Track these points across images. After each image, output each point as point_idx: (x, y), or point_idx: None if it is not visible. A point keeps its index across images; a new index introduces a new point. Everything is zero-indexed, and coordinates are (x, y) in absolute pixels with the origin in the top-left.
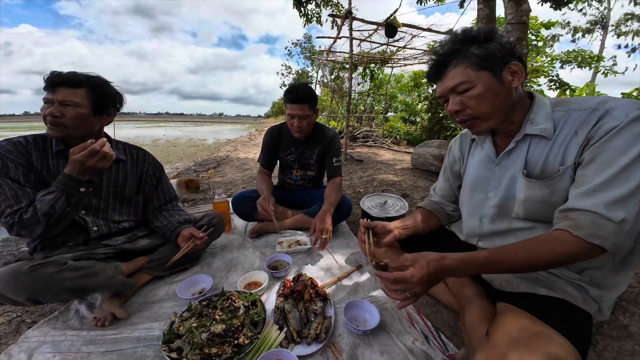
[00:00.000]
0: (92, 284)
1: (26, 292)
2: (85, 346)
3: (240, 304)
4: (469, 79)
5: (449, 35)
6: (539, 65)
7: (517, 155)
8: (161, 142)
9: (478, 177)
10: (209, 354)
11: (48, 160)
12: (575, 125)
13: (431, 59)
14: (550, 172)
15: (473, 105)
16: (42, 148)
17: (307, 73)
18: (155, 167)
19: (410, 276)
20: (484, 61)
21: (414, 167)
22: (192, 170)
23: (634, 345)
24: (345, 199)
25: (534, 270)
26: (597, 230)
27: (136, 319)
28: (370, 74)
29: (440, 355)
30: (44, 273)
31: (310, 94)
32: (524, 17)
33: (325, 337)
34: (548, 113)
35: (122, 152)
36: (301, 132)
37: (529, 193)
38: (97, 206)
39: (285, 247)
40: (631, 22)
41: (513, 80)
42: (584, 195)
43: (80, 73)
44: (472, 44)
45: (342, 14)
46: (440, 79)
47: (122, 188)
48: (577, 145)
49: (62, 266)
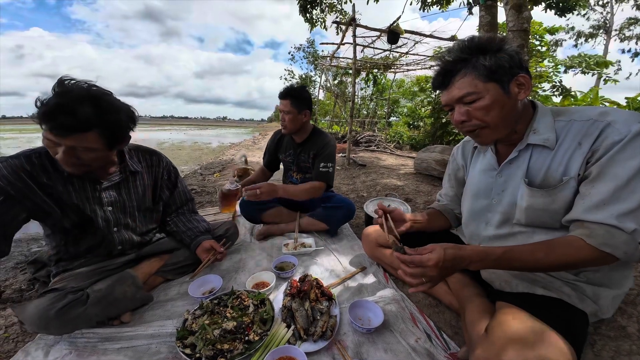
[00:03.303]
0: (116, 311)
1: (57, 332)
2: (100, 343)
3: (250, 302)
4: (477, 90)
5: (456, 42)
6: (543, 70)
7: (519, 164)
8: (166, 145)
9: (480, 185)
10: (221, 349)
11: (62, 180)
12: (578, 136)
13: (437, 66)
14: (552, 182)
15: (480, 116)
16: (52, 167)
17: (310, 78)
18: (169, 171)
19: (427, 260)
20: (492, 73)
21: (416, 172)
22: (198, 174)
23: (631, 345)
24: (348, 201)
25: (545, 270)
26: (610, 239)
27: (150, 317)
28: (373, 79)
29: (442, 353)
30: (71, 316)
31: (295, 92)
32: (525, 25)
33: (331, 334)
34: (550, 123)
35: (136, 163)
36: (284, 127)
37: (531, 201)
38: (125, 222)
39: (291, 248)
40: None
41: (520, 92)
42: (595, 209)
43: (83, 108)
44: (481, 53)
45: (346, 20)
46: (446, 87)
47: (143, 199)
48: (582, 156)
49: (85, 303)
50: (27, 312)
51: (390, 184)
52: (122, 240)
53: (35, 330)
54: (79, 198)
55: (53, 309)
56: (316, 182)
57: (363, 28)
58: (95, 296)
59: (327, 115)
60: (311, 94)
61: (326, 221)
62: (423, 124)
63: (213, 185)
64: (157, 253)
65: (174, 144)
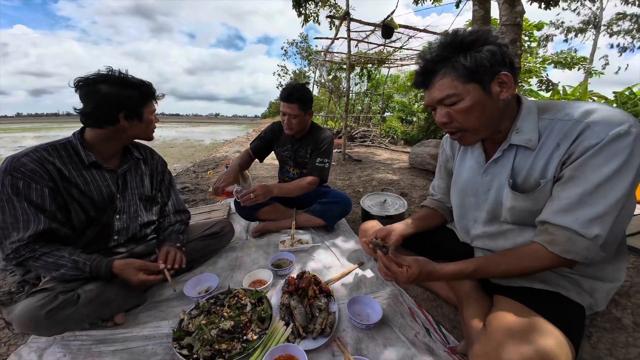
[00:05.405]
0: (108, 312)
1: (47, 333)
2: (95, 345)
3: (247, 301)
4: (457, 92)
5: (439, 38)
6: (531, 65)
7: (504, 163)
8: (158, 142)
9: (468, 182)
10: (219, 349)
11: (81, 171)
12: (558, 137)
13: (418, 65)
14: (531, 185)
15: (460, 119)
16: (69, 159)
17: (304, 73)
18: (162, 164)
19: (400, 274)
20: (472, 73)
21: (411, 167)
22: (191, 171)
23: (627, 337)
24: (344, 196)
25: (514, 278)
26: (572, 246)
27: (145, 317)
28: (368, 74)
29: (441, 347)
30: (62, 316)
31: (302, 95)
32: (518, 19)
33: (331, 331)
34: (534, 121)
35: (137, 152)
36: (290, 129)
37: (514, 203)
38: (127, 209)
39: (287, 245)
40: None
41: (502, 91)
42: (562, 212)
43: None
44: (461, 51)
45: (340, 15)
46: (427, 88)
47: (142, 187)
48: (558, 158)
49: (76, 304)
50: (16, 313)
51: (386, 178)
52: (120, 229)
53: (24, 331)
54: (97, 187)
55: (43, 309)
56: (310, 177)
57: (357, 22)
58: (86, 296)
59: (322, 111)
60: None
61: (323, 217)
62: (417, 119)
63: (207, 183)
64: (150, 253)
65: (165, 141)
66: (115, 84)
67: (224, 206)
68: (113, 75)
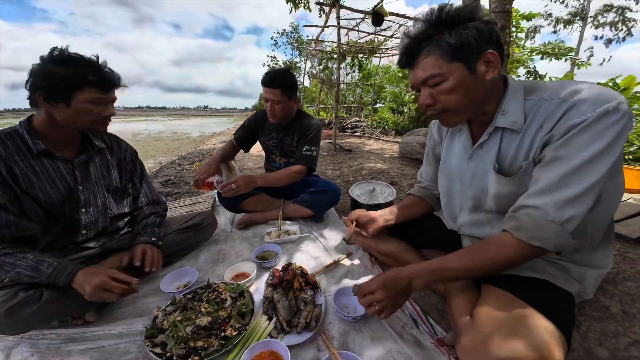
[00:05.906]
0: (76, 309)
1: (10, 332)
2: (64, 344)
3: (227, 295)
4: (441, 72)
5: (424, 13)
6: (519, 55)
7: (490, 147)
8: (142, 136)
9: (455, 168)
10: (195, 347)
11: (30, 161)
12: (542, 117)
13: (402, 42)
14: (516, 168)
15: (443, 100)
16: (16, 149)
17: (295, 64)
18: (132, 154)
19: (369, 282)
20: (457, 51)
21: (401, 156)
22: (176, 164)
23: (617, 327)
24: (334, 185)
25: (483, 274)
26: (538, 232)
27: (119, 314)
28: (359, 64)
29: (429, 339)
30: (23, 314)
31: (285, 80)
32: (508, 6)
33: (316, 325)
34: (520, 102)
35: (99, 142)
36: (274, 117)
37: (499, 188)
38: (94, 202)
39: (274, 237)
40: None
41: (487, 71)
42: (540, 194)
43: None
44: (447, 28)
45: (329, 1)
46: (412, 67)
47: (109, 178)
48: (539, 139)
49: (38, 301)
50: None
51: (376, 168)
52: (88, 222)
53: None
54: (49, 178)
55: (3, 306)
56: (297, 166)
57: (347, 9)
58: (49, 294)
59: (314, 102)
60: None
61: (311, 206)
62: (407, 109)
63: (191, 176)
64: (123, 248)
65: (150, 134)
66: (44, 59)
67: (208, 198)
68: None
